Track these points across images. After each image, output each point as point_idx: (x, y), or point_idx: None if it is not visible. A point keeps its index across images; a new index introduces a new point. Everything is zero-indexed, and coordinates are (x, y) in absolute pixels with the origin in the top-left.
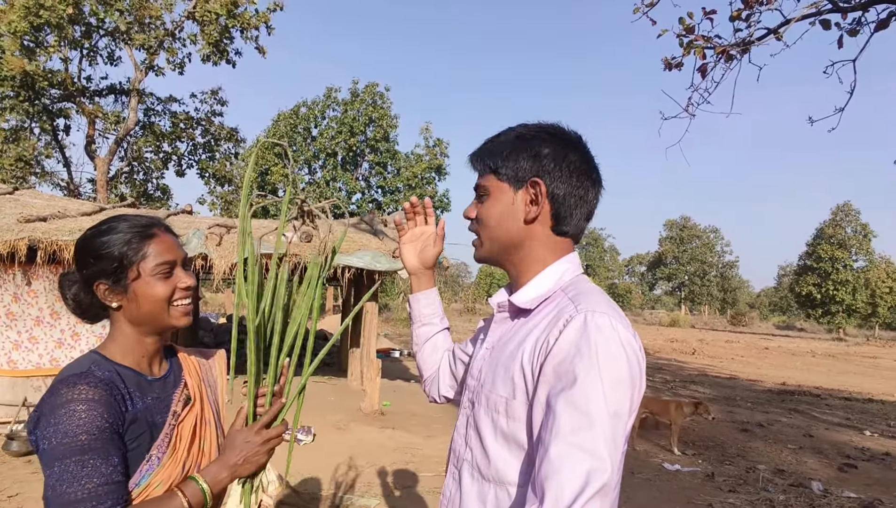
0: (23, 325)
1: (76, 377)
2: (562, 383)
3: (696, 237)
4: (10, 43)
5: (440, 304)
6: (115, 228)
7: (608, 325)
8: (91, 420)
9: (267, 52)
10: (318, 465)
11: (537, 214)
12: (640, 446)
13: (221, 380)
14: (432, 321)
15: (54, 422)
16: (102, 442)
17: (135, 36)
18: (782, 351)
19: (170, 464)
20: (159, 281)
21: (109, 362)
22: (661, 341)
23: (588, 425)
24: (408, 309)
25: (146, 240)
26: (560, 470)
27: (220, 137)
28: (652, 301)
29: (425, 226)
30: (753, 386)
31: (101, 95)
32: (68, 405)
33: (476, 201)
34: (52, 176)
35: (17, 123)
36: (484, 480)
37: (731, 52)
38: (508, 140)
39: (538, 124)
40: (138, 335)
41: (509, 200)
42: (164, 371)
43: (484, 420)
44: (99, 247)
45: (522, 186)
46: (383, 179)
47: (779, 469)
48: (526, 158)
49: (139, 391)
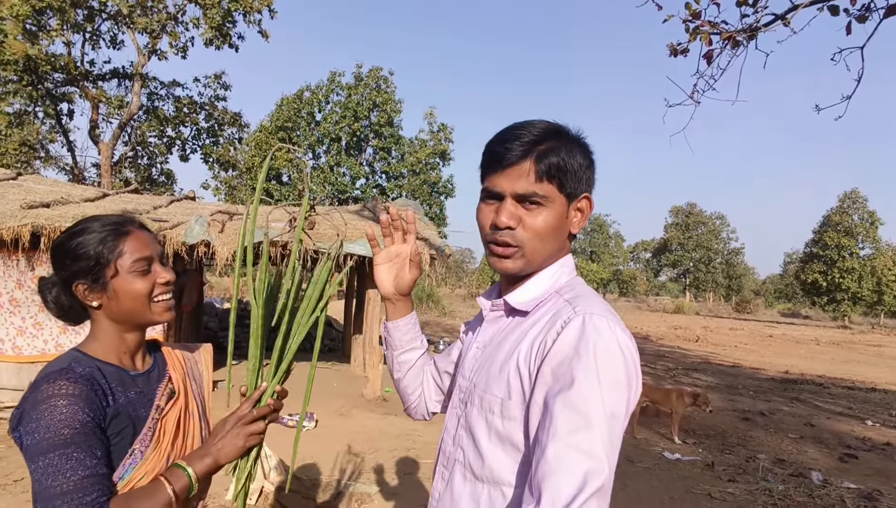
0: (27, 311)
1: (56, 374)
2: (559, 384)
3: (701, 224)
4: (13, 27)
5: (418, 323)
6: (89, 228)
7: (606, 327)
8: (73, 415)
9: (270, 36)
10: (319, 451)
11: (581, 228)
12: (641, 434)
13: (207, 373)
14: (413, 345)
15: (36, 418)
16: (85, 436)
17: (137, 19)
18: (786, 339)
19: (153, 458)
20: (138, 277)
21: (90, 358)
22: (665, 328)
23: (586, 426)
24: (383, 335)
25: (121, 237)
26: (557, 471)
27: (224, 122)
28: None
29: (402, 245)
30: (756, 374)
31: (104, 79)
32: (49, 400)
33: (521, 208)
34: (56, 161)
35: (20, 108)
36: (477, 480)
37: (738, 38)
38: (571, 152)
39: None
40: (119, 332)
41: (563, 212)
42: (147, 366)
43: (477, 421)
44: (75, 247)
45: (575, 200)
46: (387, 164)
47: (779, 458)
48: (585, 172)
49: (121, 386)
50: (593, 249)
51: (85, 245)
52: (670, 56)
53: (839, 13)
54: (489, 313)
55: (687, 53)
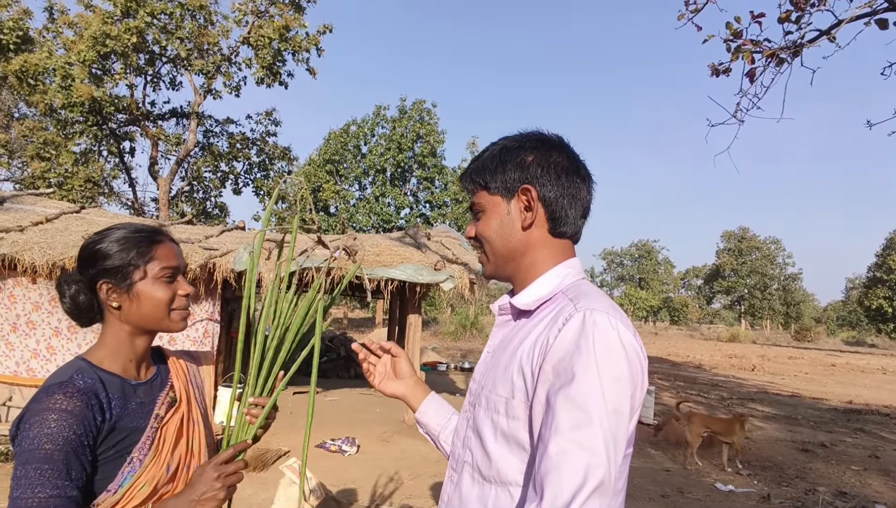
0: (41, 334)
1: (56, 387)
2: (561, 380)
3: (755, 249)
4: (80, 71)
5: (446, 403)
6: (123, 230)
7: (607, 323)
8: (58, 431)
9: (317, 73)
10: (360, 476)
11: (533, 219)
12: (694, 465)
13: (209, 380)
14: (451, 420)
15: (27, 427)
16: (65, 454)
17: (194, 62)
18: (850, 368)
19: (152, 466)
20: (162, 285)
21: (94, 368)
22: (719, 356)
23: (587, 422)
24: (421, 431)
25: (154, 244)
26: (559, 467)
27: (274, 156)
28: (710, 316)
29: (385, 358)
30: (817, 404)
31: (163, 118)
32: (42, 413)
33: (474, 221)
34: (119, 196)
35: (86, 147)
36: (485, 481)
37: (781, 55)
38: (493, 154)
39: (519, 134)
40: (131, 337)
41: (504, 211)
42: (150, 374)
43: (484, 421)
44: (109, 247)
45: (514, 195)
46: (431, 193)
47: (840, 491)
48: (513, 168)
49: (122, 397)
50: (642, 275)
51: (119, 246)
52: (712, 76)
53: (888, 27)
54: (499, 318)
55: (729, 73)
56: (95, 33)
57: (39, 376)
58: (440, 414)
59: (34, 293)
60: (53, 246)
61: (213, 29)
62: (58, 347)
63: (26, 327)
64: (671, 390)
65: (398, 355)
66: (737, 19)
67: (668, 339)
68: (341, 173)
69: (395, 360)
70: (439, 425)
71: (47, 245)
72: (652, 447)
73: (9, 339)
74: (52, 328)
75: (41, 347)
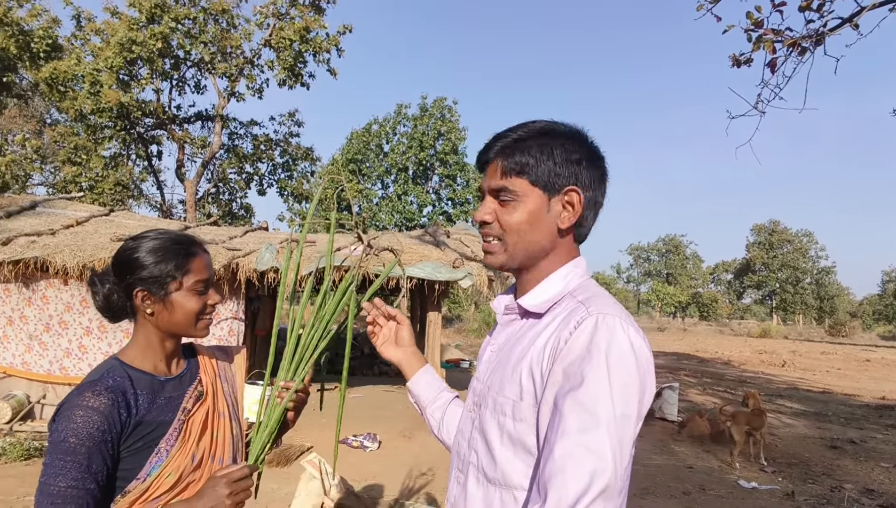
0: (73, 333)
1: (87, 385)
2: (570, 383)
3: (787, 242)
4: (107, 77)
5: (439, 377)
6: (160, 240)
7: (619, 328)
8: (83, 427)
9: (338, 74)
10: (382, 471)
11: (571, 222)
12: (712, 462)
13: (240, 374)
14: (441, 395)
15: (59, 420)
16: (87, 449)
17: (218, 65)
18: (886, 363)
19: (178, 455)
20: (194, 296)
21: (125, 366)
22: (749, 352)
23: (595, 425)
24: (411, 400)
25: (191, 257)
26: (564, 469)
27: (298, 157)
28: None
29: (391, 323)
30: (849, 401)
31: (189, 121)
32: (71, 409)
33: (496, 203)
34: (147, 199)
35: (115, 151)
36: (490, 484)
37: (804, 44)
38: (533, 139)
39: (559, 124)
40: (161, 340)
41: (542, 207)
42: (181, 369)
43: (490, 423)
44: (147, 258)
45: (557, 193)
46: (453, 191)
47: (868, 488)
48: (561, 163)
49: (150, 392)
50: (669, 270)
51: (157, 256)
52: (732, 67)
53: None
54: (503, 317)
55: (751, 63)
56: (122, 40)
57: (72, 374)
58: (431, 387)
59: (66, 294)
60: (84, 248)
61: (236, 32)
62: (89, 346)
63: (59, 327)
64: (697, 387)
65: (402, 322)
66: (757, 9)
67: (696, 335)
68: (364, 173)
69: (398, 327)
70: (429, 398)
71: (78, 248)
72: (675, 443)
73: (42, 339)
74: (84, 328)
75: (73, 346)
